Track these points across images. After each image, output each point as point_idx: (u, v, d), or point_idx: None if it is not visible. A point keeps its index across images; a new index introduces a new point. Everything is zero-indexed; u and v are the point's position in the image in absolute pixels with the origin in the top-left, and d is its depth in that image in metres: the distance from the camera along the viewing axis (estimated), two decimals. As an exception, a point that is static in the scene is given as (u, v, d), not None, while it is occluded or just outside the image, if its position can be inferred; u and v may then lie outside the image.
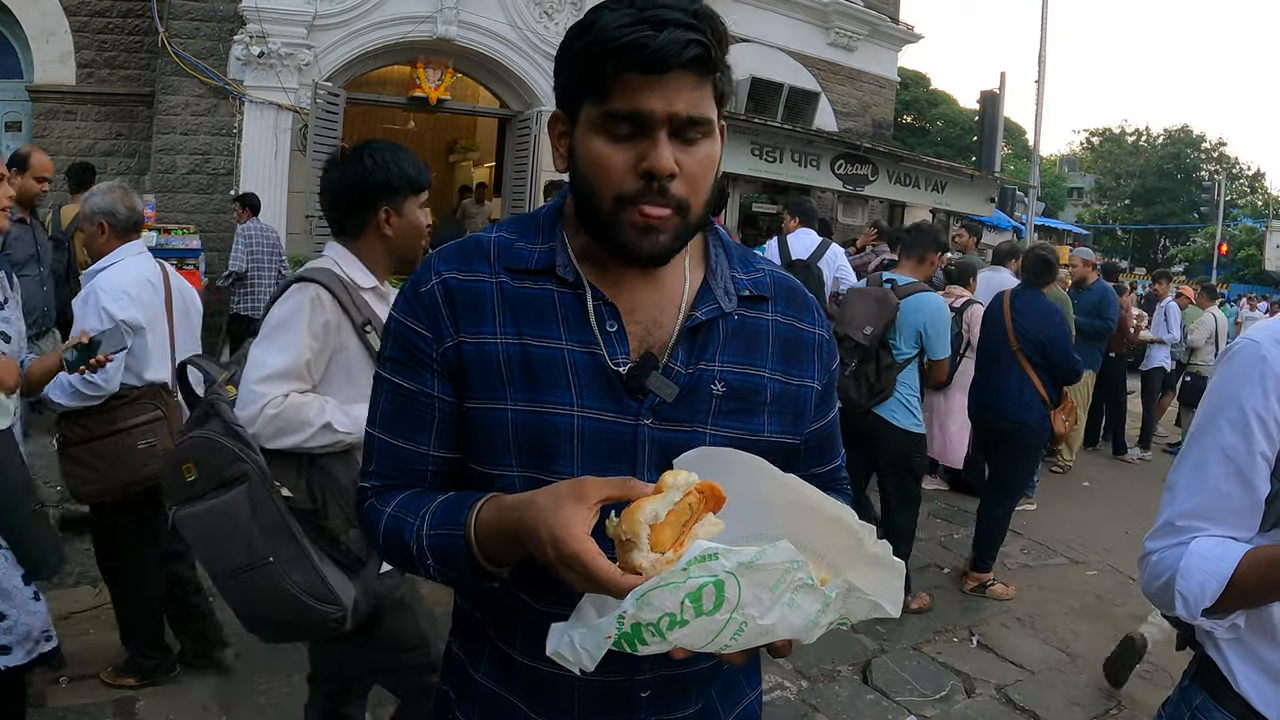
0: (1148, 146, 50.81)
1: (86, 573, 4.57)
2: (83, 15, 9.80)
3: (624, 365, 1.19)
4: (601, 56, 1.09)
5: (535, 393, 1.18)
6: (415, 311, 1.23)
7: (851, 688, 4.07)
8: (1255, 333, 1.47)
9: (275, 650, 3.89)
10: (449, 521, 1.15)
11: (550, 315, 1.20)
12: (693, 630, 0.96)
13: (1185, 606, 1.42)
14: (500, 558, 1.12)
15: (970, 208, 15.03)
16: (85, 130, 9.90)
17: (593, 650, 0.98)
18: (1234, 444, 1.42)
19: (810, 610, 1.00)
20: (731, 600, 0.95)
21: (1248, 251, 37.46)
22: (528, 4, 10.15)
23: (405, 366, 1.24)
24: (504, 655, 1.29)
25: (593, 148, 1.14)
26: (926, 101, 33.83)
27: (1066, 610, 5.20)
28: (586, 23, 1.12)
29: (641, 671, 1.23)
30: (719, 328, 1.24)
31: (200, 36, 9.12)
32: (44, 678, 3.57)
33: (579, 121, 1.16)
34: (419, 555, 1.18)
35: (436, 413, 1.24)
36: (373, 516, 1.26)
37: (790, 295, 1.34)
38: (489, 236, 1.26)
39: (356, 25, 9.39)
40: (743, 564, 0.95)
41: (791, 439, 1.31)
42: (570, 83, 1.16)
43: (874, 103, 14.45)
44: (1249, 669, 1.44)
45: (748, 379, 1.25)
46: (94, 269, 3.47)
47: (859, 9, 13.55)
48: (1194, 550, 1.42)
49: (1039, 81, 17.89)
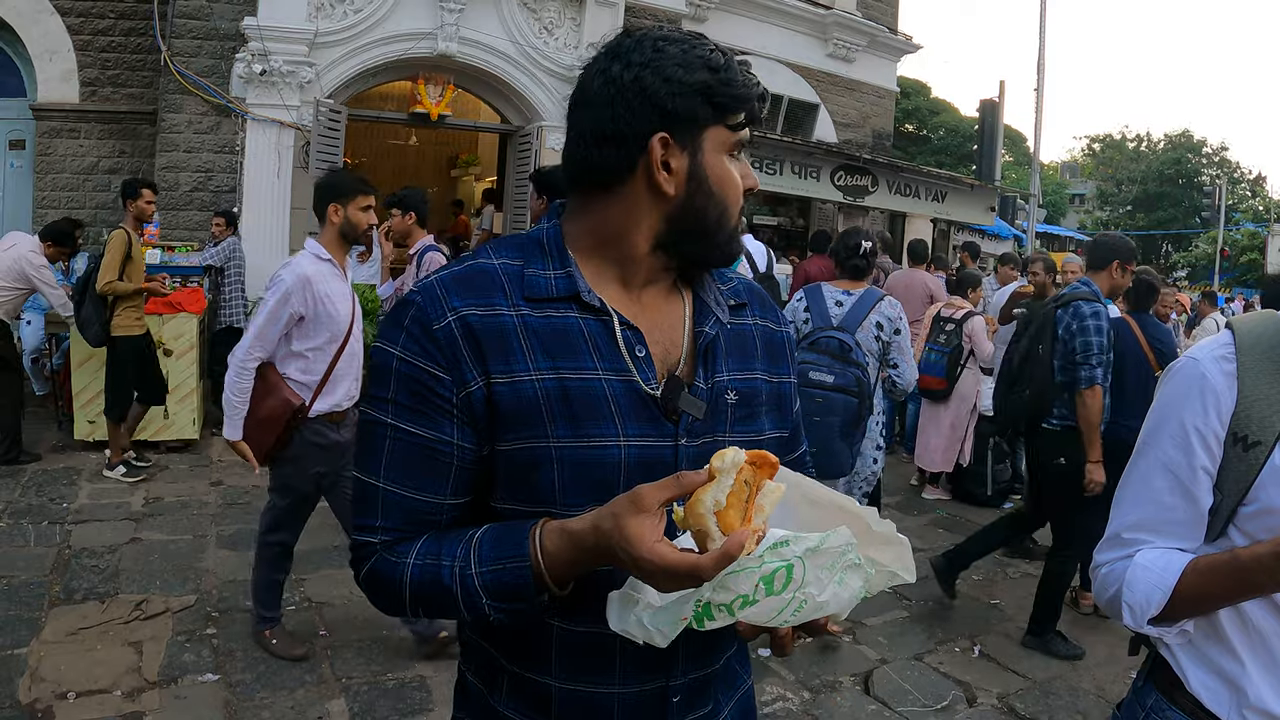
0: (1149, 152, 50.76)
1: (94, 589, 4.61)
2: (86, 34, 9.87)
3: (655, 389, 1.21)
4: (739, 98, 1.22)
5: (579, 427, 1.15)
6: (428, 351, 1.15)
7: (853, 698, 4.08)
8: (1195, 350, 1.52)
9: (278, 666, 3.93)
10: (505, 555, 1.11)
11: (580, 345, 1.18)
12: (761, 608, 1.04)
13: (1131, 617, 1.46)
14: (565, 581, 1.12)
15: (971, 217, 15.07)
16: (89, 148, 9.96)
17: (668, 630, 1.04)
18: (1176, 459, 1.46)
19: (855, 587, 1.08)
20: (798, 581, 1.03)
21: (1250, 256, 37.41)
22: (527, 20, 10.20)
23: (416, 412, 1.16)
24: (529, 682, 1.25)
25: (724, 169, 1.24)
26: (927, 110, 33.85)
27: (1069, 619, 5.20)
28: (714, 65, 1.21)
29: (675, 677, 1.26)
30: (720, 340, 1.29)
31: (203, 55, 9.18)
32: (52, 692, 3.60)
33: (702, 144, 1.22)
34: (466, 595, 1.13)
35: (455, 461, 1.18)
36: (386, 570, 1.19)
37: (761, 299, 1.43)
38: (493, 264, 1.22)
39: (357, 42, 9.45)
40: (810, 549, 1.03)
41: (782, 433, 1.38)
42: (694, 110, 1.20)
43: (874, 113, 14.49)
44: (1200, 670, 1.47)
45: (749, 384, 1.31)
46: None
47: (857, 20, 13.60)
48: (1138, 562, 1.47)
49: (1038, 89, 17.95)
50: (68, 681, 3.70)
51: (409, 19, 9.60)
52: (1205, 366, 1.46)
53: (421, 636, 4.09)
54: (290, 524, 4.04)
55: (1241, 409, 1.41)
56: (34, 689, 3.64)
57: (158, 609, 4.43)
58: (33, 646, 3.98)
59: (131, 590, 4.64)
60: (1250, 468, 1.40)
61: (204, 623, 4.32)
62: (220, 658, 3.99)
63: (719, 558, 0.97)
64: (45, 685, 3.67)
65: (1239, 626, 1.43)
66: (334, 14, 9.31)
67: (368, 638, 4.27)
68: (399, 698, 3.78)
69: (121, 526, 5.55)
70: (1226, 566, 1.38)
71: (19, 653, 3.92)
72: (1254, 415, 1.41)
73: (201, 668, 3.90)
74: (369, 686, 3.85)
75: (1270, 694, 1.41)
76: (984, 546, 5.29)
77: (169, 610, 4.40)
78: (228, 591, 4.65)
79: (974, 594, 5.48)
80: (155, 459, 7.01)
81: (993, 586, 5.65)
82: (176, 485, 6.49)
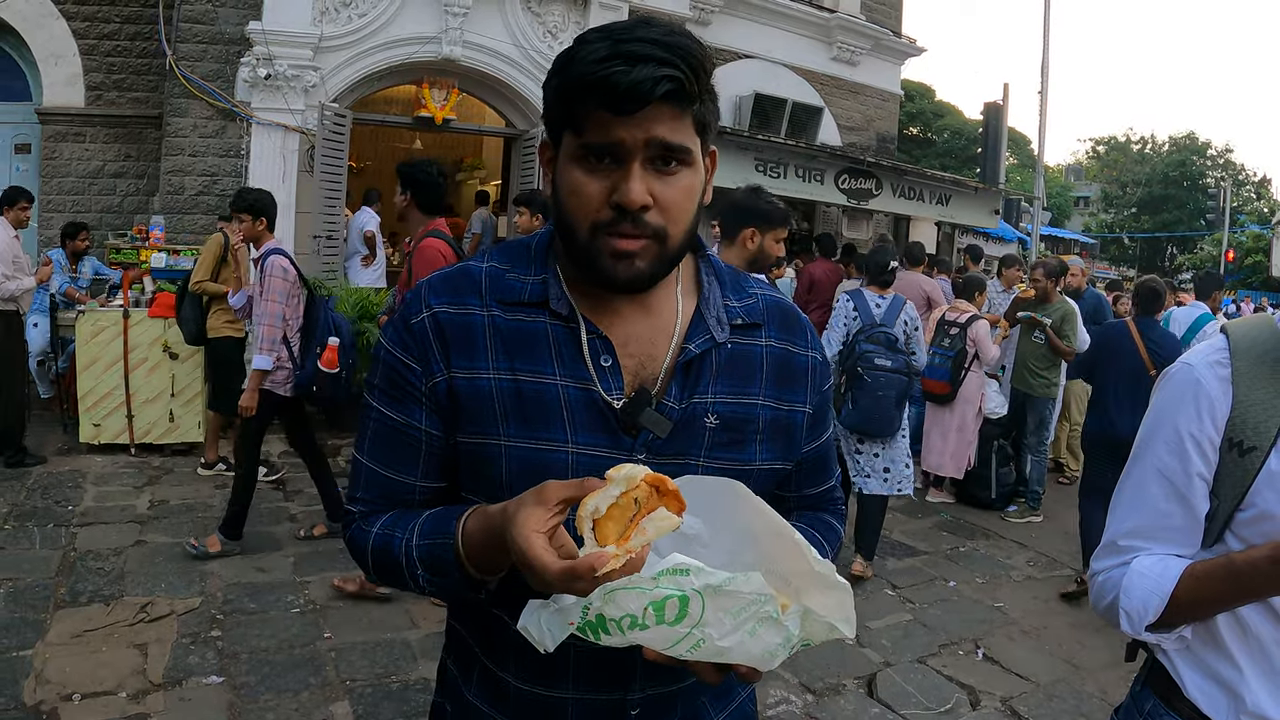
0: (1153, 154, 50.68)
1: (99, 591, 4.62)
2: (91, 38, 9.91)
3: (618, 400, 1.19)
4: (575, 93, 1.11)
5: (530, 429, 1.18)
6: (405, 343, 1.22)
7: (857, 701, 4.08)
8: (1190, 356, 1.51)
9: (282, 669, 3.94)
10: (438, 531, 1.16)
11: (543, 349, 1.20)
12: (652, 635, 1.00)
13: (1129, 623, 1.47)
14: (487, 566, 1.13)
15: (975, 220, 15.03)
16: (94, 152, 9.99)
17: (555, 633, 1.02)
18: (1171, 465, 1.46)
19: (770, 642, 1.03)
20: (694, 616, 0.99)
21: (1255, 258, 37.29)
22: (531, 24, 10.22)
23: (393, 398, 1.24)
24: (494, 676, 1.29)
25: (571, 177, 1.15)
26: (932, 113, 33.86)
27: (1072, 622, 5.20)
28: (566, 56, 1.14)
29: (633, 691, 1.25)
30: (711, 359, 1.24)
31: (208, 59, 9.20)
32: (57, 694, 3.62)
33: (560, 151, 1.18)
34: (408, 566, 1.18)
35: (424, 445, 1.24)
36: (359, 537, 1.26)
37: (784, 319, 1.34)
38: (480, 267, 1.26)
39: (362, 47, 9.46)
40: (711, 585, 0.98)
41: (783, 464, 1.32)
42: (551, 110, 1.18)
43: (878, 116, 14.47)
44: (1197, 676, 1.47)
45: (739, 409, 1.25)
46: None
47: (861, 24, 13.59)
48: (1135, 569, 1.47)
49: (1042, 92, 17.97)
50: (73, 683, 3.71)
51: (413, 23, 9.62)
52: (1200, 372, 1.46)
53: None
54: None
55: (1237, 414, 1.41)
56: (39, 691, 3.65)
57: (162, 611, 4.44)
58: (38, 648, 4.00)
59: (136, 593, 4.66)
60: (1246, 473, 1.40)
61: (209, 625, 4.33)
62: (225, 660, 4.01)
63: (565, 569, 0.95)
64: (50, 687, 3.69)
65: (1237, 633, 1.43)
66: (339, 18, 9.33)
67: (372, 640, 4.28)
68: (403, 700, 3.79)
69: (126, 529, 5.57)
70: (1222, 571, 1.37)
71: (24, 654, 3.93)
72: (1249, 420, 1.40)
73: (206, 670, 3.91)
74: (373, 689, 3.86)
75: (1268, 700, 1.41)
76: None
77: (174, 613, 4.41)
78: (232, 594, 4.67)
79: (978, 597, 5.48)
80: (160, 462, 7.03)
81: (996, 589, 5.65)
82: (181, 488, 6.51)
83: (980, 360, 7.00)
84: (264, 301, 5.11)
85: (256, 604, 4.63)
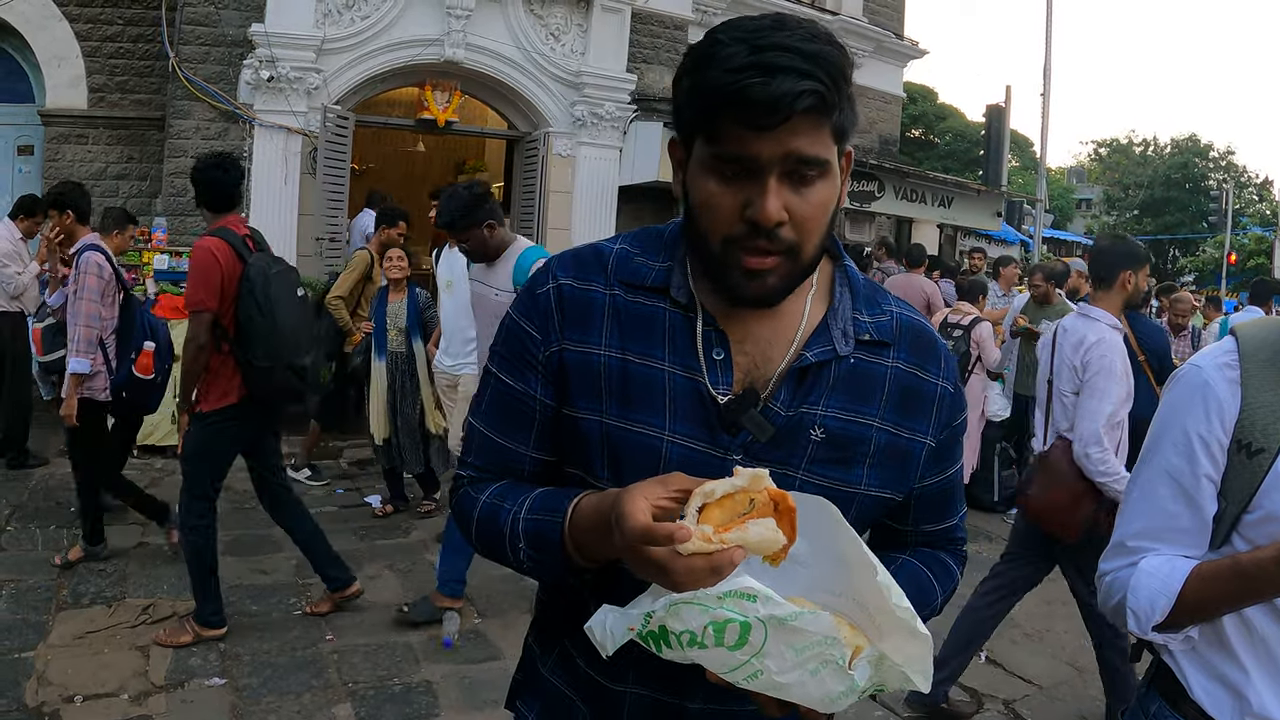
0: (1155, 156, 50.61)
1: (101, 593, 4.62)
2: (94, 40, 9.91)
3: (724, 396, 1.16)
4: (709, 101, 1.06)
5: (630, 410, 1.18)
6: (529, 312, 1.24)
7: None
8: (1198, 358, 1.51)
9: (284, 671, 3.94)
10: (548, 508, 1.16)
11: (657, 334, 1.19)
12: (710, 656, 0.97)
13: (1136, 623, 1.46)
14: (590, 552, 1.11)
15: (977, 222, 15.03)
16: (97, 154, 9.99)
17: (616, 636, 1.01)
18: (1179, 466, 1.46)
19: (832, 689, 1.00)
20: (754, 645, 0.95)
21: (1257, 260, 37.26)
22: (534, 26, 10.22)
23: (513, 365, 1.26)
24: (570, 657, 1.31)
25: (703, 187, 1.11)
26: (934, 115, 33.83)
27: (1075, 625, 5.18)
28: (700, 56, 1.09)
29: (694, 698, 1.22)
30: (829, 371, 1.19)
31: (210, 61, 9.21)
32: (59, 696, 3.61)
33: (692, 155, 1.14)
34: (511, 539, 1.19)
35: (538, 414, 1.25)
36: (466, 504, 1.28)
37: (916, 341, 1.26)
38: (611, 248, 1.26)
39: (365, 49, 9.47)
40: (776, 617, 0.94)
41: (892, 494, 1.25)
42: (682, 114, 1.14)
43: (880, 119, 14.47)
44: (1203, 677, 1.47)
45: (851, 428, 1.19)
46: None
47: (863, 26, 13.59)
48: (1143, 569, 1.47)
49: (1044, 94, 17.93)
50: (75, 685, 3.71)
51: (416, 25, 9.62)
52: (1208, 374, 1.46)
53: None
54: None
55: (1245, 416, 1.41)
56: (41, 692, 3.65)
57: (164, 613, 4.44)
58: (40, 650, 4.00)
59: (138, 594, 4.66)
60: (1254, 475, 1.40)
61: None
62: (227, 662, 4.00)
63: (645, 525, 0.96)
64: (52, 689, 3.69)
65: (1243, 634, 1.43)
66: (341, 20, 9.34)
67: (374, 642, 4.28)
68: (405, 702, 3.79)
69: (129, 530, 5.57)
70: (1229, 572, 1.38)
71: (26, 656, 3.94)
72: (1258, 422, 1.40)
73: (208, 672, 3.91)
74: (375, 691, 3.86)
75: (1274, 701, 1.40)
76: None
77: (176, 614, 4.40)
78: (234, 595, 4.66)
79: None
80: (163, 464, 7.03)
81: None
82: (183, 490, 6.50)
83: (983, 362, 6.99)
84: (79, 300, 4.72)
85: (258, 606, 4.63)
